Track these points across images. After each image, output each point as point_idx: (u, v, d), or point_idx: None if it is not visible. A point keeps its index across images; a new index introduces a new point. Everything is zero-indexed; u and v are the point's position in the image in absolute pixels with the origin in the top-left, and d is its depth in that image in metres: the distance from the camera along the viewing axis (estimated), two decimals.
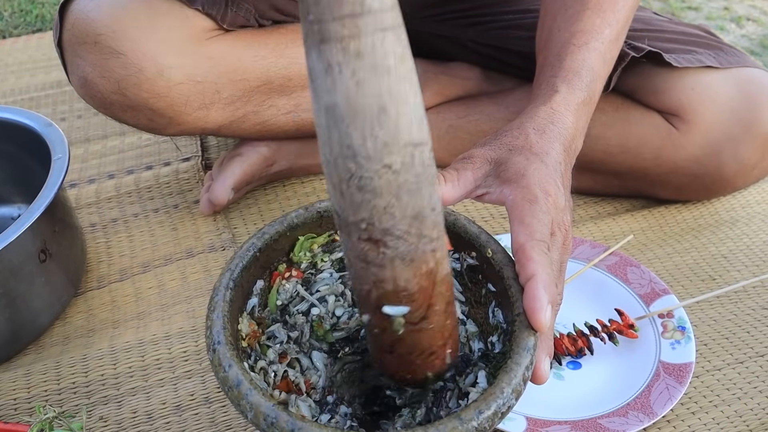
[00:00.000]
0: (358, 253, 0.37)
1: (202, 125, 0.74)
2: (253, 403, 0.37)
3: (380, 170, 0.33)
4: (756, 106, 0.75)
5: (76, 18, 0.68)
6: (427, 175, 0.35)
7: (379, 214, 0.35)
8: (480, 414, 0.37)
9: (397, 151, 0.33)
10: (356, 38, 0.31)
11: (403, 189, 0.34)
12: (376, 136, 0.33)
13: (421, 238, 0.36)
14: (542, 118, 0.55)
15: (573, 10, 0.64)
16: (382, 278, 0.37)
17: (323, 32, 0.31)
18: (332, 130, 0.33)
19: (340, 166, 0.34)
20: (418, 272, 0.37)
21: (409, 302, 0.38)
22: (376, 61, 0.32)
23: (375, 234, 0.35)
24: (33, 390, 0.65)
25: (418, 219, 0.35)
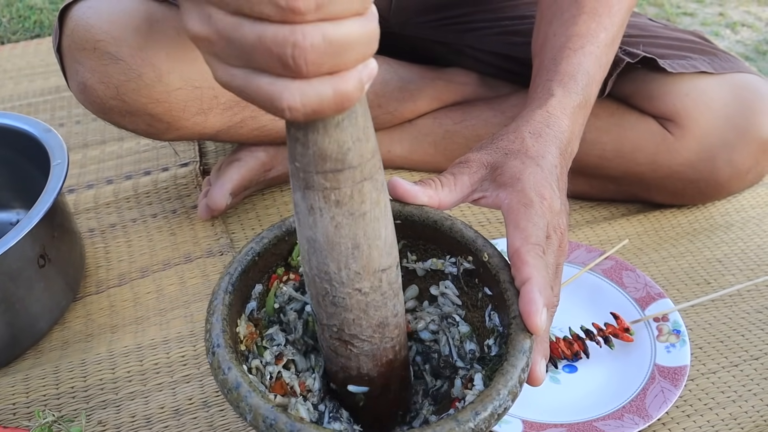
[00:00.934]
0: (329, 345, 0.43)
1: (200, 130, 0.74)
2: (252, 405, 0.37)
3: (351, 293, 0.39)
4: (750, 111, 0.76)
5: (75, 24, 0.69)
6: (391, 291, 0.40)
7: (348, 323, 0.40)
8: (477, 415, 0.37)
9: (367, 278, 0.38)
10: (336, 190, 0.35)
11: (370, 306, 0.40)
12: (349, 268, 0.37)
13: (383, 339, 0.42)
14: (538, 121, 0.55)
15: (569, 14, 0.65)
16: (348, 366, 0.43)
17: (308, 180, 0.35)
18: (312, 256, 0.38)
19: (318, 284, 0.39)
20: (379, 363, 0.43)
21: (370, 384, 0.44)
22: (353, 209, 0.36)
23: (344, 336, 0.41)
24: (32, 395, 0.65)
25: (381, 326, 0.41)
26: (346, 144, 0.34)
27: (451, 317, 0.49)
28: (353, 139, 0.34)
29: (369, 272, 0.38)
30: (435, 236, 0.49)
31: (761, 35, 1.59)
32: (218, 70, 0.30)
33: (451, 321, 0.49)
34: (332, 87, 0.29)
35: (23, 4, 1.70)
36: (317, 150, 0.34)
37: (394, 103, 0.87)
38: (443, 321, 0.50)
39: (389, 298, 0.40)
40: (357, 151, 0.34)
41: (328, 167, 0.34)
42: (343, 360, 0.43)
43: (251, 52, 0.28)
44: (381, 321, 0.41)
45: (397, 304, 0.42)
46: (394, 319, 0.42)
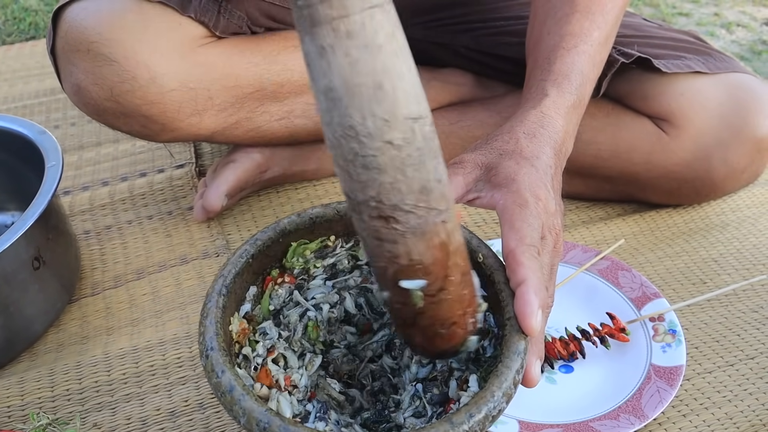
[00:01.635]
0: (370, 231, 0.37)
1: (195, 131, 0.74)
2: (245, 409, 0.37)
3: (383, 147, 0.34)
4: (745, 111, 0.76)
5: (69, 26, 0.68)
6: (429, 149, 0.35)
7: (386, 190, 0.35)
8: (471, 417, 0.37)
9: (397, 127, 0.34)
10: (345, 18, 0.32)
11: (407, 164, 0.35)
12: (375, 114, 0.33)
13: (430, 211, 0.36)
14: (532, 121, 0.55)
15: (562, 13, 0.65)
16: (396, 254, 0.37)
17: (313, 16, 0.32)
18: (332, 112, 0.34)
19: (344, 147, 0.34)
20: (431, 245, 0.37)
21: (426, 275, 0.38)
22: (367, 40, 0.32)
23: (385, 211, 0.36)
24: (27, 397, 0.65)
25: (424, 192, 0.36)
26: None
27: None
28: None
29: (398, 119, 0.34)
30: None
31: (756, 35, 1.59)
32: None
33: None
34: None
35: (18, 6, 1.70)
36: None
37: None
38: None
39: (427, 156, 0.35)
40: None
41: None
42: (389, 246, 0.37)
43: None
44: (423, 185, 0.36)
45: (439, 167, 0.36)
46: (439, 186, 0.36)
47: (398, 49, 0.33)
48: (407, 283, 0.39)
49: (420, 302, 0.39)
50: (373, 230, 0.37)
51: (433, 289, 0.39)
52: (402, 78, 0.33)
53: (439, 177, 0.36)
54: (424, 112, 0.35)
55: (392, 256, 0.38)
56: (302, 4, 0.32)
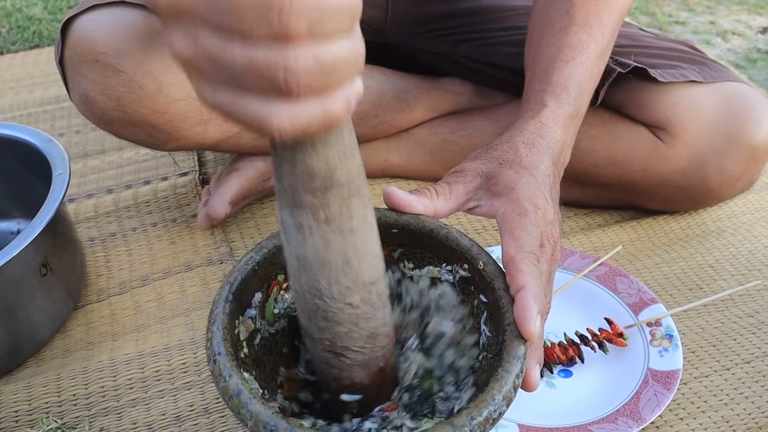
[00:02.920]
0: (321, 358, 0.43)
1: (200, 140, 0.75)
2: (252, 412, 0.38)
3: (343, 307, 0.39)
4: (739, 119, 0.77)
5: (77, 37, 0.70)
6: (381, 303, 0.41)
7: (340, 337, 0.41)
8: (472, 420, 0.38)
9: (358, 292, 0.39)
10: (325, 207, 0.35)
11: (361, 318, 0.40)
12: (340, 283, 0.38)
13: (374, 349, 0.43)
14: (531, 132, 0.56)
15: (560, 26, 0.66)
16: (341, 377, 0.44)
17: (296, 199, 0.35)
18: (302, 275, 0.38)
19: (309, 300, 0.39)
20: (371, 372, 0.44)
21: (362, 392, 0.45)
22: (342, 226, 0.36)
23: (336, 349, 0.42)
24: (34, 402, 0.66)
25: (372, 337, 0.42)
26: (334, 161, 0.34)
27: None
28: (340, 157, 0.34)
29: (359, 286, 0.39)
30: (431, 245, 0.50)
31: (752, 43, 1.61)
32: (204, 91, 0.29)
33: None
34: (321, 108, 0.29)
35: (22, 15, 1.71)
36: (305, 168, 0.34)
37: (391, 112, 0.88)
38: None
39: (378, 309, 0.41)
40: (344, 168, 0.35)
41: (316, 185, 0.34)
42: (336, 371, 0.43)
43: (241, 74, 0.28)
44: (372, 332, 0.41)
45: (386, 314, 0.42)
46: (384, 329, 0.42)
47: (367, 230, 0.38)
48: (347, 396, 0.45)
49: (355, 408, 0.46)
50: (324, 359, 0.43)
51: (366, 400, 0.45)
52: (366, 252, 0.38)
53: (385, 322, 0.42)
54: (381, 273, 0.40)
55: (337, 378, 0.44)
56: (287, 186, 0.35)
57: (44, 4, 1.78)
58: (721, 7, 1.79)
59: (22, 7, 1.76)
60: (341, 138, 0.34)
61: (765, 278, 0.78)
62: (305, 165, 0.34)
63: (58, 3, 1.79)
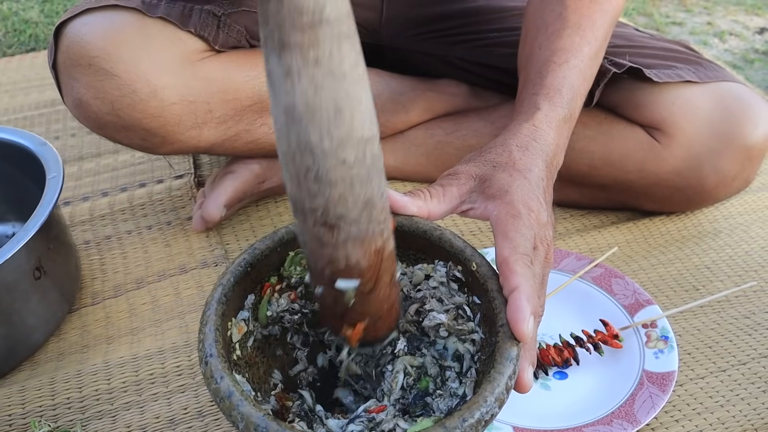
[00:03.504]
0: (313, 235, 0.40)
1: (195, 144, 0.75)
2: (243, 414, 0.38)
3: (336, 164, 0.36)
4: (735, 119, 0.77)
5: (70, 41, 0.69)
6: (376, 167, 0.38)
7: (333, 202, 0.38)
8: (464, 422, 0.38)
9: (351, 147, 0.36)
10: (315, 46, 0.33)
11: (356, 180, 0.37)
12: (332, 135, 0.36)
13: (371, 222, 0.40)
14: (525, 135, 0.56)
15: (553, 29, 0.66)
16: (335, 257, 0.40)
17: (283, 39, 0.33)
18: (290, 127, 0.36)
19: (298, 160, 0.37)
20: (368, 251, 0.41)
21: (359, 276, 0.41)
22: (333, 68, 0.34)
23: (330, 219, 0.39)
24: (28, 406, 0.66)
25: (368, 205, 0.39)
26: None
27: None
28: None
29: (353, 140, 0.36)
30: (425, 246, 0.50)
31: (749, 44, 1.61)
32: None
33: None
34: None
35: (18, 18, 1.72)
36: (292, 4, 0.32)
37: (387, 114, 0.88)
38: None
39: (374, 173, 0.39)
40: (333, 4, 0.33)
41: (305, 20, 0.33)
42: (330, 250, 0.40)
43: None
44: (368, 199, 0.39)
45: (382, 182, 0.40)
46: (381, 201, 0.40)
47: (359, 77, 0.36)
48: (342, 282, 0.42)
49: (351, 300, 0.43)
50: (316, 235, 0.40)
51: (365, 289, 0.42)
52: (360, 102, 0.36)
53: (382, 192, 0.40)
54: (375, 132, 0.38)
55: (332, 259, 0.41)
56: (273, 26, 0.33)
57: (41, 8, 1.78)
58: (718, 8, 1.79)
59: (18, 10, 1.76)
60: None
61: (761, 279, 0.78)
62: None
63: (54, 6, 1.79)
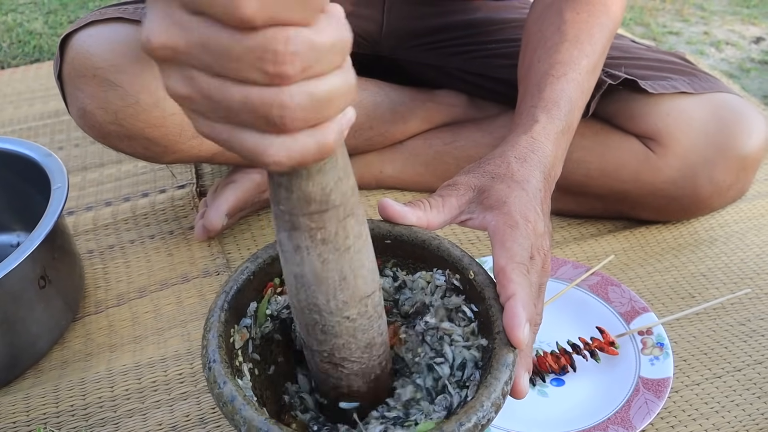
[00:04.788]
0: (320, 369, 0.44)
1: (197, 153, 0.76)
2: (246, 418, 0.39)
3: (340, 320, 0.40)
4: (729, 129, 0.78)
5: (76, 52, 0.71)
6: (376, 314, 0.42)
7: (338, 348, 0.42)
8: (461, 426, 0.39)
9: (354, 306, 0.40)
10: (322, 229, 0.36)
11: (358, 330, 0.42)
12: (337, 298, 0.39)
13: (371, 358, 0.44)
14: (523, 146, 0.57)
15: (552, 42, 0.67)
16: (339, 385, 0.45)
17: (293, 222, 0.36)
18: (300, 290, 0.40)
19: (307, 315, 0.41)
20: (368, 380, 0.45)
21: (360, 399, 0.46)
22: (338, 245, 0.37)
23: (334, 360, 0.43)
24: (32, 413, 0.66)
25: (369, 346, 0.43)
26: (329, 186, 0.35)
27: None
28: (335, 180, 0.35)
29: (355, 300, 0.40)
30: (423, 255, 0.51)
31: (745, 53, 1.62)
32: (201, 125, 0.30)
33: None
34: (315, 139, 0.30)
35: (23, 30, 1.73)
36: (301, 194, 0.35)
37: (386, 124, 0.89)
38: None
39: (374, 320, 0.42)
40: (339, 190, 0.36)
41: (313, 209, 0.35)
42: (334, 380, 0.44)
43: (237, 112, 0.28)
44: (368, 342, 0.43)
45: (382, 324, 0.44)
46: (380, 338, 0.44)
47: (362, 246, 0.39)
48: (345, 404, 0.46)
49: (353, 413, 0.46)
50: (323, 369, 0.44)
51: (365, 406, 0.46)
52: (362, 267, 0.39)
53: (381, 331, 0.44)
54: (376, 286, 0.41)
55: (336, 386, 0.45)
56: (284, 210, 0.36)
57: (45, 19, 1.80)
58: (715, 18, 1.81)
59: (23, 21, 1.78)
60: (335, 163, 0.35)
61: (756, 287, 0.79)
62: (302, 191, 0.35)
63: (58, 18, 1.81)
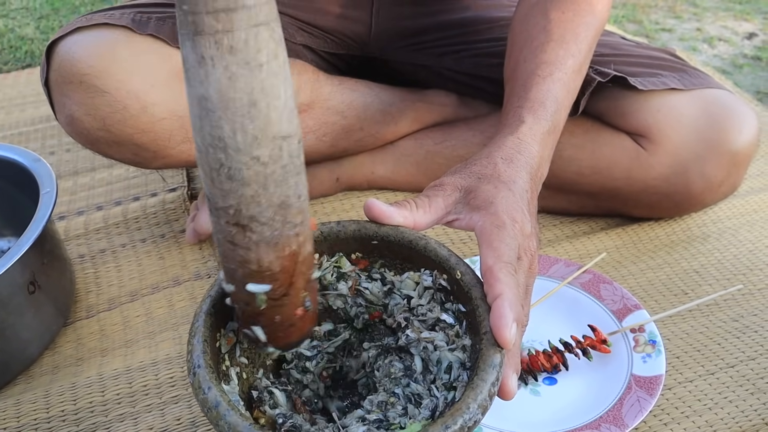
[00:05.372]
0: (225, 235, 0.39)
1: (186, 158, 0.76)
2: (230, 423, 0.38)
3: (249, 162, 0.35)
4: (719, 125, 0.78)
5: (62, 59, 0.71)
6: (294, 166, 0.37)
7: (246, 202, 0.37)
8: (447, 428, 0.39)
9: (266, 144, 0.35)
10: (230, 33, 0.32)
11: (270, 179, 0.36)
12: (246, 130, 0.34)
13: (286, 224, 0.38)
14: (510, 147, 0.57)
15: (537, 42, 0.67)
16: (247, 259, 0.39)
17: (197, 24, 0.32)
18: (203, 120, 0.35)
19: (211, 156, 0.36)
20: (281, 254, 0.39)
21: (272, 281, 0.40)
22: (248, 57, 0.33)
23: (242, 220, 0.37)
24: (23, 419, 0.66)
25: (283, 207, 0.38)
26: None
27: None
28: None
29: (267, 137, 0.35)
30: (411, 255, 0.51)
31: (738, 49, 1.62)
32: None
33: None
34: None
35: (15, 35, 1.73)
36: None
37: (376, 125, 0.89)
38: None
39: (291, 173, 0.37)
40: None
41: (219, 4, 0.32)
42: (242, 252, 0.39)
43: None
44: (282, 200, 0.38)
45: (300, 183, 0.39)
46: (297, 202, 0.39)
47: (278, 69, 0.34)
48: (253, 286, 0.40)
49: (263, 304, 0.41)
50: (228, 234, 0.39)
51: (277, 294, 0.41)
52: (277, 97, 0.35)
53: (299, 193, 0.38)
54: (294, 130, 0.36)
55: (243, 261, 0.39)
56: (187, 9, 0.32)
57: (36, 25, 1.80)
58: (707, 14, 1.81)
59: (14, 27, 1.78)
60: None
61: (749, 283, 0.79)
62: None
63: (50, 23, 1.81)
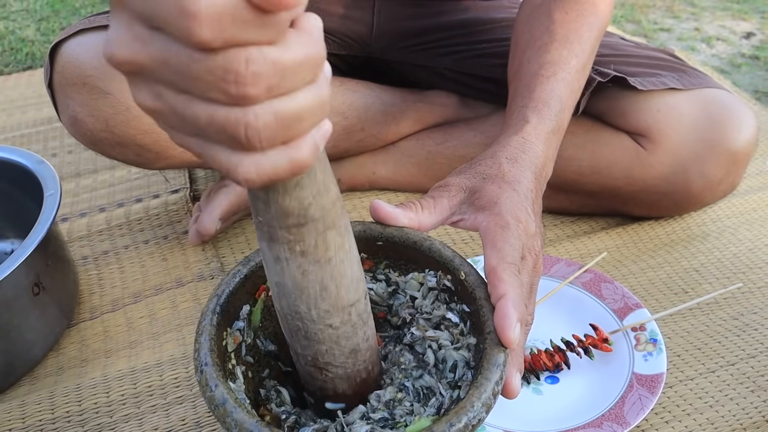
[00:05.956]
0: (305, 370, 0.45)
1: (189, 158, 0.77)
2: (237, 420, 0.39)
3: (323, 328, 0.40)
4: (718, 125, 0.79)
5: (66, 61, 0.71)
6: (362, 321, 0.42)
7: (321, 353, 0.42)
8: (451, 426, 0.39)
9: (337, 314, 0.40)
10: (301, 242, 0.36)
11: (341, 337, 0.42)
12: (319, 307, 0.39)
13: (356, 363, 0.44)
14: (514, 147, 0.57)
15: (541, 42, 0.67)
16: (324, 388, 0.45)
17: (272, 235, 0.36)
18: (281, 298, 0.40)
19: (290, 322, 0.41)
20: (353, 383, 0.45)
21: (346, 401, 0.46)
22: (318, 256, 0.37)
23: (318, 364, 0.43)
24: (28, 420, 0.66)
25: (354, 352, 0.43)
26: (307, 200, 0.35)
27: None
28: (313, 195, 0.35)
29: (338, 309, 0.40)
30: (415, 256, 0.51)
31: (736, 48, 1.63)
32: (173, 137, 0.29)
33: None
34: (287, 156, 0.29)
35: (15, 37, 1.73)
36: (279, 208, 0.34)
37: (378, 126, 0.89)
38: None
39: (359, 327, 0.42)
40: (318, 204, 0.35)
41: (290, 222, 0.35)
42: (320, 383, 0.45)
43: (204, 128, 0.27)
44: (353, 348, 0.43)
45: (368, 330, 0.43)
46: (366, 344, 0.44)
47: (344, 257, 0.39)
48: (331, 405, 0.46)
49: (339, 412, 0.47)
50: (308, 371, 0.44)
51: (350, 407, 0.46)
52: (344, 277, 0.39)
53: (367, 337, 0.44)
54: (362, 294, 0.41)
55: (321, 388, 0.45)
56: (262, 221, 0.35)
57: (37, 26, 1.80)
58: (705, 14, 1.81)
59: (15, 29, 1.78)
60: (314, 177, 0.34)
61: (749, 281, 0.80)
62: (278, 205, 0.34)
63: (50, 25, 1.81)
